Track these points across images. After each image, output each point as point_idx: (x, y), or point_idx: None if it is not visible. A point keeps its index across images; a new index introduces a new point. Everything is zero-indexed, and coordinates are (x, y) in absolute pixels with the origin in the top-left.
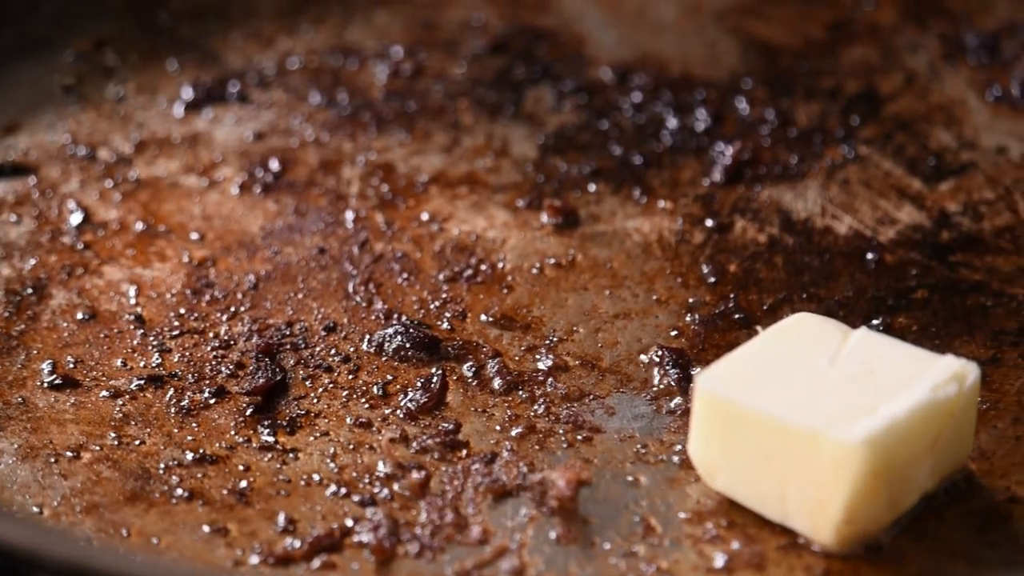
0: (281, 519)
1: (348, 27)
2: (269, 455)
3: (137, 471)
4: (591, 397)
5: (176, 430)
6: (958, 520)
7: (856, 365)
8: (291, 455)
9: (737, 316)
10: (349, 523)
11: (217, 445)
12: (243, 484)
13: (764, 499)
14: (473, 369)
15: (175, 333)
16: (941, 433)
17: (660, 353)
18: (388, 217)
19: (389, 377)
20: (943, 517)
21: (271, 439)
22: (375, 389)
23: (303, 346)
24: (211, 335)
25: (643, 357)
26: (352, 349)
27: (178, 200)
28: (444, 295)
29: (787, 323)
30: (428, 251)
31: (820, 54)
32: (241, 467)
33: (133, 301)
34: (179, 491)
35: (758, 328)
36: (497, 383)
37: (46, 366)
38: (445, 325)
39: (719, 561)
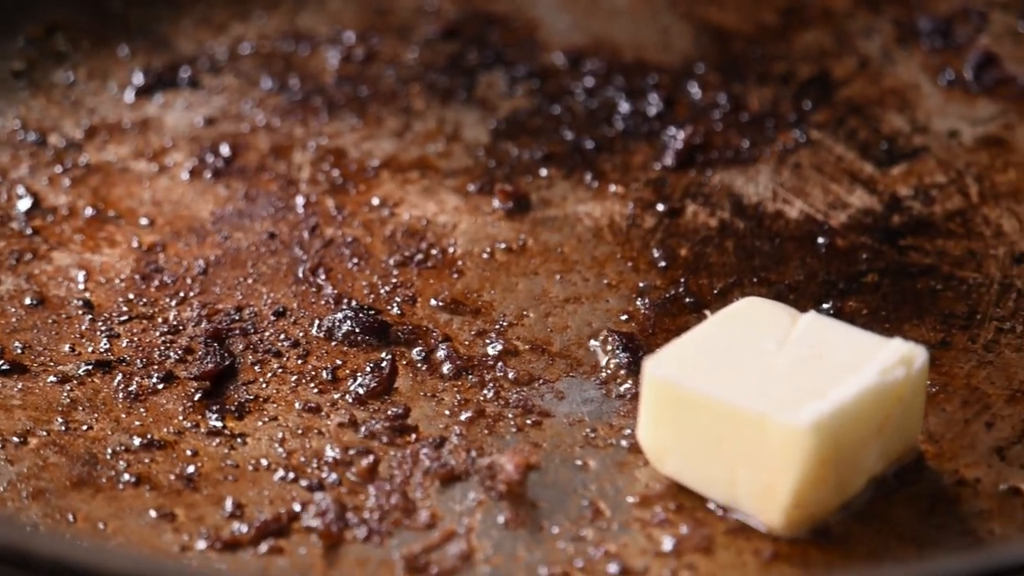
0: (228, 504)
1: (300, 12)
2: (217, 440)
3: (84, 456)
4: (541, 381)
5: (124, 415)
6: (906, 503)
7: (804, 349)
8: (239, 440)
9: (688, 300)
10: (297, 508)
11: (165, 430)
12: (191, 469)
13: (713, 483)
14: (423, 354)
15: (124, 318)
16: (889, 417)
17: (610, 337)
18: (339, 202)
19: (338, 362)
20: (891, 500)
21: (219, 424)
22: (324, 374)
23: (252, 331)
24: (160, 320)
25: (593, 341)
26: (301, 334)
27: (128, 185)
28: (394, 280)
29: (736, 307)
30: (378, 236)
31: (773, 39)
32: (189, 452)
33: (82, 286)
34: (126, 476)
35: (707, 312)
36: (447, 368)
37: None
38: (395, 310)
39: (667, 545)
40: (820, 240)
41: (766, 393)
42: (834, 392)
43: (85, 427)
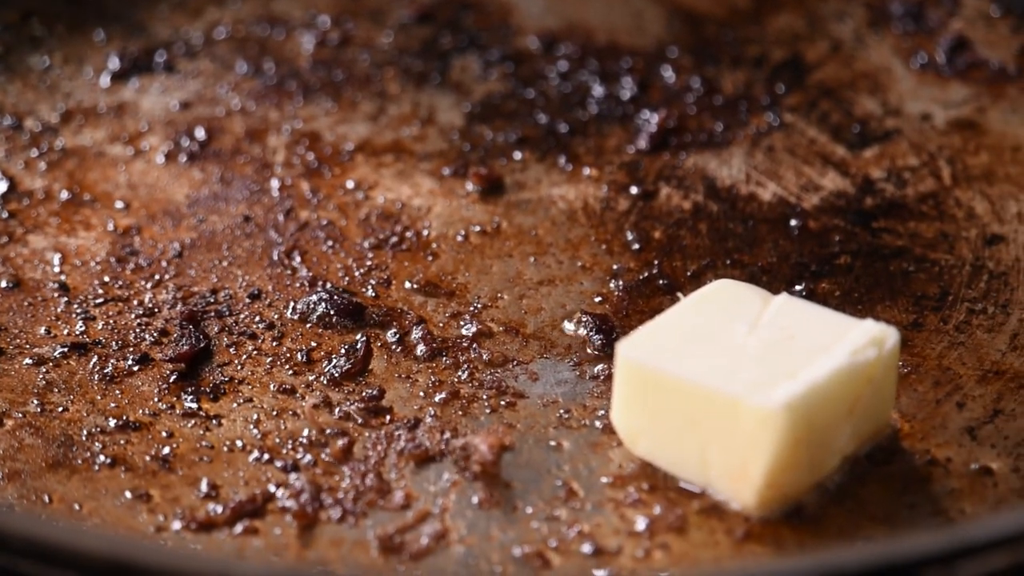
0: (204, 485)
1: None
2: (192, 421)
3: (60, 438)
4: (515, 363)
5: (99, 397)
6: (878, 482)
7: (776, 331)
8: (214, 421)
9: (661, 282)
10: (272, 488)
11: (140, 412)
12: (166, 450)
13: (686, 464)
14: (397, 336)
15: (99, 301)
16: (860, 397)
17: (584, 319)
18: (314, 185)
19: (313, 344)
20: (864, 480)
21: (194, 406)
22: (299, 356)
23: (227, 313)
24: (135, 303)
25: (567, 323)
26: (276, 316)
27: (104, 169)
28: (369, 262)
29: (708, 290)
30: (353, 219)
31: (746, 22)
32: (164, 433)
33: (57, 269)
34: (102, 458)
35: (680, 295)
36: (421, 349)
37: None
38: (370, 292)
39: (640, 524)
40: (793, 222)
41: (738, 375)
42: (806, 373)
43: (61, 409)
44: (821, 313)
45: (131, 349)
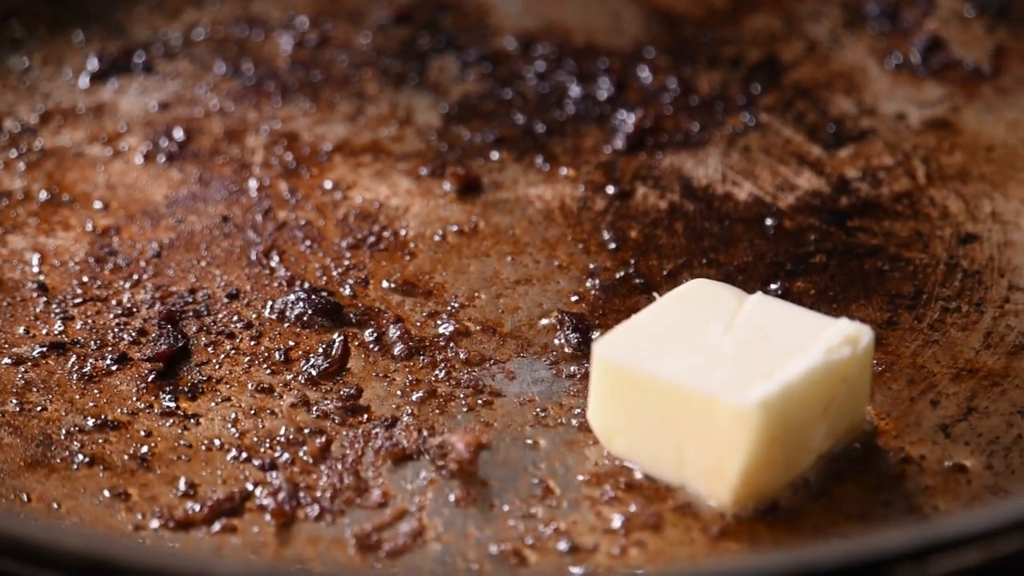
0: (182, 483)
1: None
2: (171, 421)
3: (39, 437)
4: (492, 362)
5: (78, 396)
6: (853, 480)
7: (752, 330)
8: (192, 420)
9: (637, 282)
10: (250, 487)
11: (119, 411)
12: (144, 449)
13: (662, 463)
14: (375, 335)
15: (78, 301)
16: (835, 395)
17: (561, 318)
18: (292, 185)
19: (291, 343)
20: (839, 477)
21: (173, 405)
22: (277, 355)
23: (205, 313)
24: (114, 303)
25: (544, 322)
26: (255, 316)
27: (82, 170)
28: (347, 262)
29: (684, 289)
30: (331, 219)
31: (722, 23)
32: (143, 433)
33: (36, 269)
34: (80, 457)
35: (656, 295)
36: (399, 348)
37: None
38: (347, 292)
39: (617, 522)
40: (769, 222)
41: (714, 374)
42: (781, 372)
43: (39, 408)
44: (796, 312)
45: (109, 348)
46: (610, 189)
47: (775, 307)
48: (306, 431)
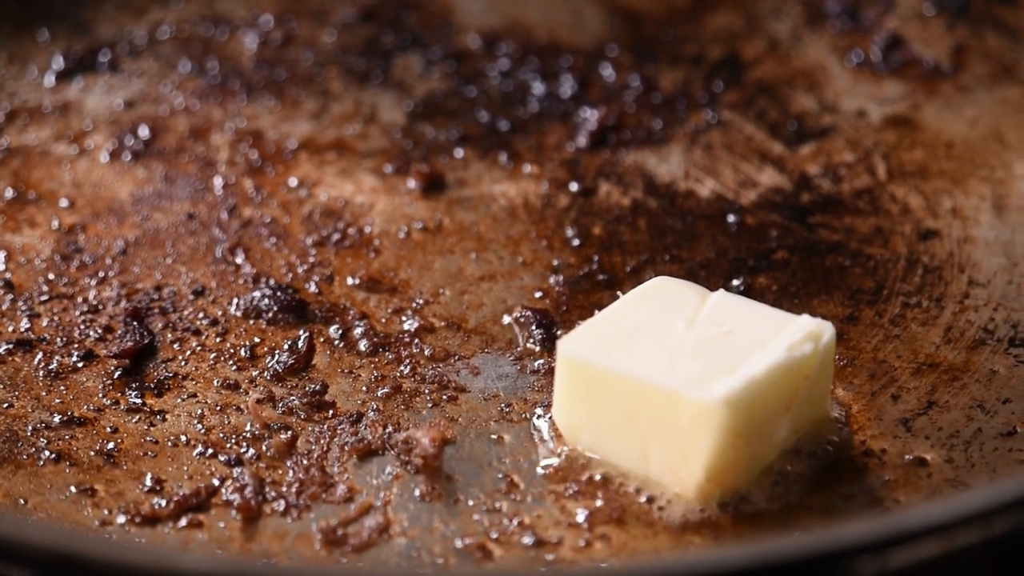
0: (148, 479)
1: None
2: (137, 417)
3: (5, 434)
4: (456, 358)
5: (44, 393)
6: (815, 474)
7: (714, 327)
8: (159, 417)
9: (601, 277)
10: (216, 482)
11: (85, 407)
12: (111, 445)
13: (627, 458)
14: (340, 331)
15: (44, 298)
16: (798, 391)
17: (524, 314)
18: (257, 183)
19: (256, 340)
20: (801, 471)
21: (139, 401)
22: (242, 351)
23: (171, 310)
24: (80, 300)
25: (507, 318)
26: (220, 312)
27: (48, 168)
28: (312, 259)
29: (647, 287)
30: (296, 216)
31: (684, 21)
32: (109, 429)
33: (2, 267)
34: (47, 453)
35: (619, 293)
36: (364, 345)
37: None
38: (313, 288)
39: (581, 516)
40: (731, 218)
41: (677, 370)
42: (744, 368)
43: (6, 405)
44: (758, 309)
45: (76, 346)
46: (573, 186)
47: (737, 304)
48: (272, 427)
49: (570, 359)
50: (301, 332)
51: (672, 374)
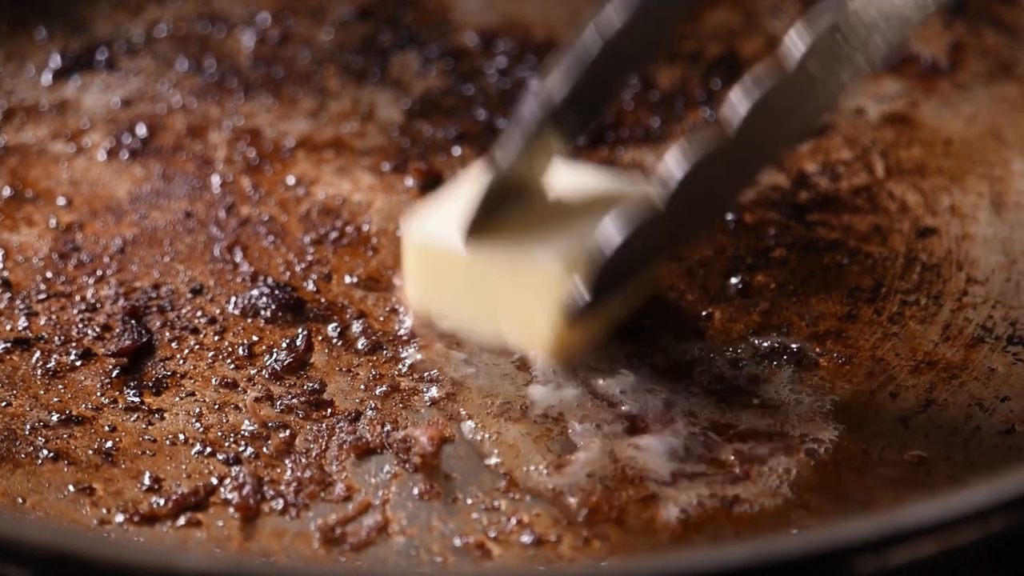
0: (146, 478)
1: None
2: (135, 415)
3: (3, 432)
4: (455, 356)
5: (42, 392)
6: (813, 472)
7: (555, 197)
8: (157, 415)
9: None
10: (214, 481)
11: (83, 406)
12: (109, 444)
13: (483, 329)
14: (338, 330)
15: (42, 297)
16: None
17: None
18: (255, 181)
19: (255, 338)
20: (799, 470)
21: (137, 400)
22: (240, 350)
23: (169, 308)
24: (78, 298)
25: None
26: (218, 311)
27: (46, 166)
28: (310, 257)
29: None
30: (294, 214)
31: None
32: (107, 428)
33: (0, 265)
34: (45, 452)
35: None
36: (362, 343)
37: None
38: (310, 287)
39: (580, 515)
40: (729, 216)
41: (520, 242)
42: (583, 234)
43: (4, 404)
44: (595, 178)
45: (74, 344)
46: None
47: (575, 174)
48: (270, 425)
49: (416, 244)
50: (299, 330)
51: (515, 245)
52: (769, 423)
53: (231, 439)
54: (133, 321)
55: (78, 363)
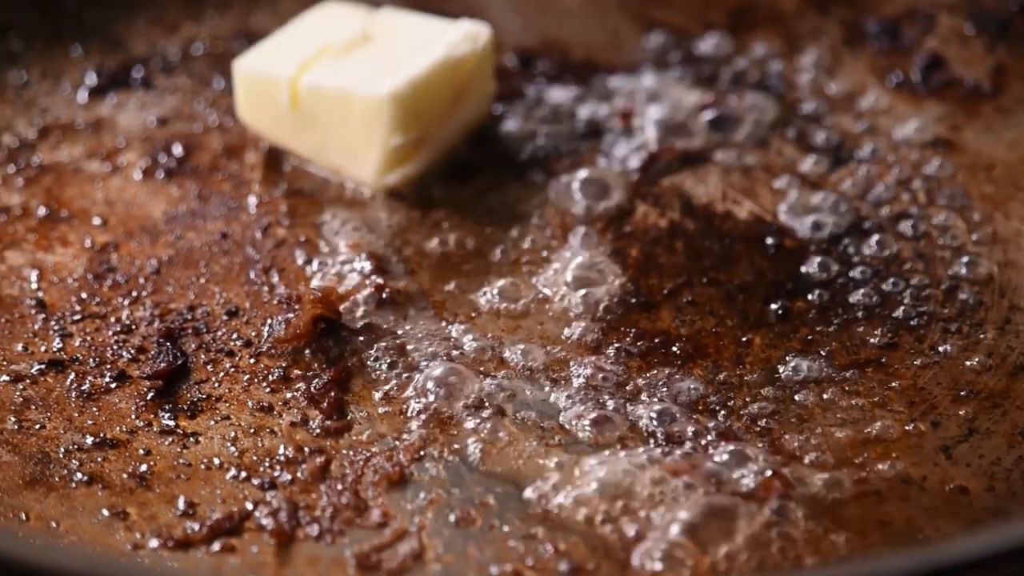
0: (181, 503)
1: (253, 13)
2: (170, 439)
3: (37, 455)
4: (495, 381)
5: (77, 414)
6: (853, 500)
7: (380, 37)
8: (192, 439)
9: (637, 300)
10: (249, 506)
11: (118, 429)
12: (143, 468)
13: (316, 156)
14: (375, 354)
15: (77, 318)
16: (462, 87)
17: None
18: (291, 202)
19: (291, 361)
20: (839, 498)
21: (172, 423)
22: (276, 373)
23: (205, 330)
24: (113, 320)
25: (544, 349)
26: (254, 333)
27: (81, 185)
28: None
29: (313, 10)
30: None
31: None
32: (142, 451)
33: (35, 286)
34: (79, 475)
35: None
36: (400, 367)
37: None
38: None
39: (617, 544)
40: (769, 240)
41: (348, 74)
42: (408, 67)
43: (38, 426)
44: (421, 19)
45: (108, 366)
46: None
47: (400, 16)
48: (306, 450)
49: (246, 74)
50: (335, 353)
51: (343, 78)
52: (812, 449)
53: (266, 464)
54: (168, 343)
55: (113, 385)
